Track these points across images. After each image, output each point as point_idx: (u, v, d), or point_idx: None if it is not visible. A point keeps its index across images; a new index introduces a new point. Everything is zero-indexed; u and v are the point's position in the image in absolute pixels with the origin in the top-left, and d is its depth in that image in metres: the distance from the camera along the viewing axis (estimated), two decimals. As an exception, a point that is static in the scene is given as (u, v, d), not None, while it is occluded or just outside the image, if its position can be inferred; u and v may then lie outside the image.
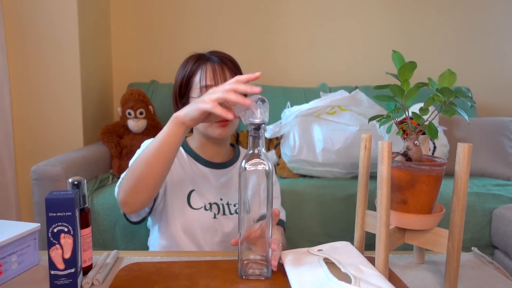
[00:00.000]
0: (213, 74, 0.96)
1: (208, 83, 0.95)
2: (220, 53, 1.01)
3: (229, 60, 1.00)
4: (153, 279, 0.66)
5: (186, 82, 0.99)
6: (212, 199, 1.00)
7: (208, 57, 0.99)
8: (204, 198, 0.99)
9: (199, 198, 0.98)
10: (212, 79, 0.95)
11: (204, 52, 1.02)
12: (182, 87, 1.00)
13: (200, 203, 0.97)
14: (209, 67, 0.96)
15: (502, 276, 0.72)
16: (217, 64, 0.97)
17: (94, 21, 2.11)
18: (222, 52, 1.02)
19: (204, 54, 1.01)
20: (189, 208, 0.96)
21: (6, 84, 1.86)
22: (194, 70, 0.98)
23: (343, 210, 1.57)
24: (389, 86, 0.67)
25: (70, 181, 0.68)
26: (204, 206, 0.97)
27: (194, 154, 1.03)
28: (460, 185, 0.63)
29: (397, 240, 0.70)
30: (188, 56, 1.02)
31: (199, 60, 0.99)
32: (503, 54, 2.53)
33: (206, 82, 0.95)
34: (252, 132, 0.66)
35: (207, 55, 1.00)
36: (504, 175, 1.91)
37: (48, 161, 1.51)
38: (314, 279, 0.61)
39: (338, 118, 1.81)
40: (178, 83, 1.01)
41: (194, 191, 0.98)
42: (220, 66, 0.97)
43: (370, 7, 2.45)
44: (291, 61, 2.47)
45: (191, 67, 0.99)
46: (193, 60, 0.99)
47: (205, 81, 0.95)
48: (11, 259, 0.67)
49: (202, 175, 1.01)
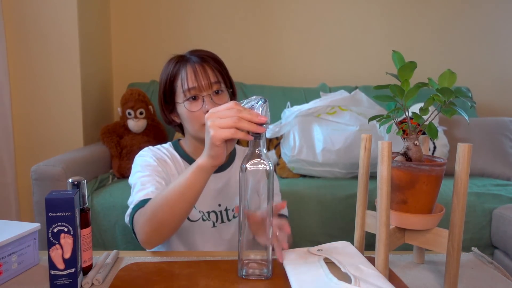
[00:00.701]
0: (194, 75, 0.92)
1: (191, 86, 0.92)
2: (200, 52, 0.97)
3: (210, 57, 0.96)
4: (153, 279, 0.66)
5: (169, 87, 0.96)
6: (210, 207, 0.98)
7: (188, 58, 0.95)
8: (202, 207, 0.96)
9: (195, 209, 0.95)
10: (194, 80, 0.92)
11: (184, 53, 0.99)
12: (166, 93, 0.97)
13: (197, 214, 0.95)
14: (189, 68, 0.93)
15: (502, 276, 0.72)
16: (197, 64, 0.93)
17: (94, 21, 2.11)
18: (202, 50, 0.98)
19: (183, 55, 0.98)
20: (187, 221, 0.94)
21: (6, 84, 1.86)
22: (175, 74, 0.95)
23: (343, 210, 1.57)
24: (389, 86, 0.67)
25: (70, 181, 0.68)
26: (201, 217, 0.95)
27: (189, 159, 1.00)
28: (460, 185, 0.63)
29: (397, 240, 0.70)
30: (168, 59, 0.99)
31: (179, 63, 0.95)
32: (503, 54, 2.53)
33: (188, 85, 0.92)
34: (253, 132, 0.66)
35: (186, 56, 0.97)
36: (504, 175, 1.91)
37: (48, 161, 1.51)
38: (314, 279, 0.61)
39: (338, 118, 1.81)
40: (162, 89, 0.98)
41: None
42: (200, 65, 0.93)
43: (370, 7, 2.45)
44: (291, 61, 2.47)
45: (172, 71, 0.95)
46: (173, 63, 0.96)
47: (187, 84, 0.92)
48: (11, 259, 0.67)
49: None
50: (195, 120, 0.94)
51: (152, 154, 0.96)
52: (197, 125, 0.94)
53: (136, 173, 0.91)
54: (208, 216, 0.97)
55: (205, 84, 0.92)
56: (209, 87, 0.93)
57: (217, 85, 0.94)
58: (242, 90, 2.23)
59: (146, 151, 0.98)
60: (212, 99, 0.93)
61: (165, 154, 0.99)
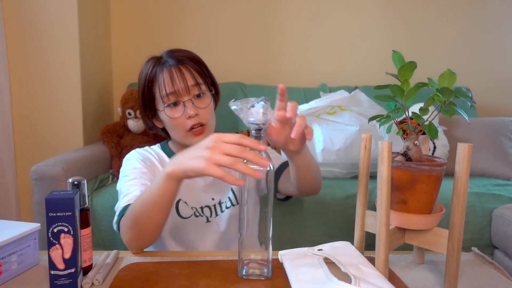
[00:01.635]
0: (171, 80, 0.88)
1: (168, 91, 0.89)
2: (177, 53, 0.93)
3: (187, 58, 0.92)
4: (153, 279, 0.66)
5: (148, 93, 0.92)
6: (204, 202, 0.97)
7: (164, 61, 0.91)
8: (193, 203, 0.96)
9: (187, 206, 0.95)
10: (172, 86, 0.88)
11: (161, 54, 0.94)
12: (146, 99, 0.93)
13: (189, 211, 0.94)
14: (165, 73, 0.89)
15: (502, 276, 0.72)
16: (173, 67, 0.89)
17: (94, 21, 2.11)
18: (179, 50, 0.94)
19: (160, 57, 0.94)
20: (179, 218, 0.94)
21: (6, 84, 1.86)
22: (152, 79, 0.91)
23: (343, 210, 1.57)
24: (389, 86, 0.67)
25: (70, 181, 0.68)
26: (194, 213, 0.95)
27: None
28: (460, 185, 0.62)
29: (397, 240, 0.70)
30: (146, 61, 0.94)
31: (156, 66, 0.91)
32: (503, 54, 2.53)
33: (166, 90, 0.89)
34: (254, 132, 0.65)
35: (163, 58, 0.92)
36: (504, 175, 1.91)
37: (48, 161, 1.51)
38: (314, 279, 0.61)
39: (338, 118, 1.81)
40: (140, 95, 0.94)
41: (181, 200, 0.95)
42: (177, 68, 0.89)
43: (370, 7, 2.45)
44: (291, 61, 2.47)
45: (149, 76, 0.91)
46: (150, 67, 0.92)
47: (165, 89, 0.89)
48: (11, 259, 0.67)
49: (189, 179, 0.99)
50: (178, 127, 0.91)
51: (138, 156, 0.95)
52: (181, 131, 0.92)
53: (123, 178, 0.90)
54: (201, 211, 0.96)
55: (182, 88, 0.89)
56: (188, 91, 0.90)
57: (196, 88, 0.91)
58: (242, 90, 2.23)
59: (133, 154, 0.97)
60: (193, 103, 0.90)
61: (152, 155, 0.98)
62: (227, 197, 1.00)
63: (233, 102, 0.66)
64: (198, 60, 0.94)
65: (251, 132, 0.66)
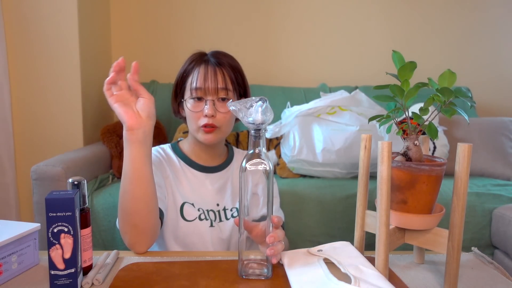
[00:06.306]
0: (203, 77, 0.93)
1: (198, 86, 0.93)
2: (220, 55, 0.98)
3: (227, 63, 0.96)
4: (153, 279, 0.66)
5: (181, 82, 0.98)
6: (209, 206, 0.97)
7: (206, 59, 0.97)
8: (201, 205, 0.96)
9: (193, 209, 0.95)
10: (202, 82, 0.93)
11: (206, 52, 1.00)
12: (178, 86, 0.99)
13: (194, 213, 0.95)
14: (202, 69, 0.94)
15: (502, 276, 0.72)
16: (211, 66, 0.94)
17: (94, 21, 2.11)
18: (223, 54, 0.99)
19: (204, 54, 0.99)
20: (183, 221, 0.94)
21: (6, 84, 1.86)
22: (189, 71, 0.96)
23: (343, 210, 1.57)
24: (389, 86, 0.67)
25: (70, 181, 0.68)
26: (198, 216, 0.95)
27: (188, 160, 1.00)
28: (460, 185, 0.63)
29: (397, 240, 0.70)
30: (193, 53, 1.00)
31: (196, 61, 0.97)
32: (503, 54, 2.53)
33: (196, 84, 0.93)
34: (253, 132, 0.66)
35: (205, 57, 0.98)
36: (504, 175, 1.91)
37: (48, 161, 1.51)
38: (314, 279, 0.61)
39: (338, 118, 1.81)
40: (175, 81, 1.00)
41: (186, 203, 0.95)
42: (213, 69, 0.94)
43: (370, 7, 2.45)
44: (291, 61, 2.47)
45: (187, 67, 0.97)
46: (191, 60, 0.98)
47: (196, 83, 0.94)
48: (11, 259, 0.67)
49: (198, 181, 0.99)
50: (193, 120, 0.95)
51: None
52: (194, 125, 0.95)
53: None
54: (207, 214, 0.96)
55: (211, 88, 0.93)
56: (215, 92, 0.93)
57: (223, 92, 0.94)
58: (242, 90, 2.23)
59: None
60: (215, 104, 0.93)
61: (161, 155, 1.00)
62: (233, 206, 1.00)
63: (232, 102, 0.66)
64: (237, 68, 0.98)
65: (250, 132, 0.66)
